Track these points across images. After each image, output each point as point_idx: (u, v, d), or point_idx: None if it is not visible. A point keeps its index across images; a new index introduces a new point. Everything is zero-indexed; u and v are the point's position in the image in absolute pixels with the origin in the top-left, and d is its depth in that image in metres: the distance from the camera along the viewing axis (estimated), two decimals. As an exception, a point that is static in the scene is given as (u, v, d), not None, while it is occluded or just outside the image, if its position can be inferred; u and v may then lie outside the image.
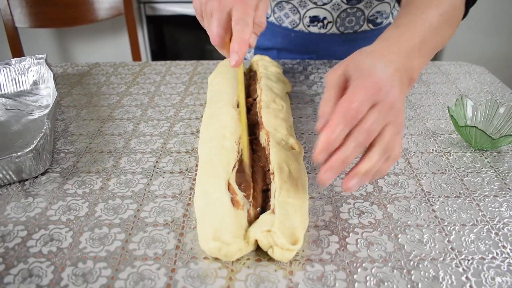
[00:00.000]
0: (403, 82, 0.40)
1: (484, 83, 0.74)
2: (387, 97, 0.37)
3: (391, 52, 0.41)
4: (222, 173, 0.43)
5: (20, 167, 0.47)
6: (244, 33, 0.42)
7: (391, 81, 0.38)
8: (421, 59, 0.44)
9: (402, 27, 0.44)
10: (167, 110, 0.64)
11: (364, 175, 0.37)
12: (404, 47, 0.42)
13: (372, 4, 0.76)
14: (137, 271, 0.36)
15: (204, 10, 0.46)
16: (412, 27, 0.44)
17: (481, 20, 1.72)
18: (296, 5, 0.75)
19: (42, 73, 0.70)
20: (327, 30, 0.78)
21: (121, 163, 0.51)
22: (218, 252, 0.36)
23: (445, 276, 0.36)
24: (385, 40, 0.43)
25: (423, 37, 0.44)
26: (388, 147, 0.37)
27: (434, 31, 0.45)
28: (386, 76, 0.38)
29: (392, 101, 0.37)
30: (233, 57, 0.41)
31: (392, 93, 0.37)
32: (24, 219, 0.42)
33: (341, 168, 0.36)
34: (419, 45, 0.43)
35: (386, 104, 0.36)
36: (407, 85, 0.42)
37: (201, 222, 0.39)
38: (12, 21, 1.38)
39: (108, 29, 1.77)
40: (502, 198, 0.46)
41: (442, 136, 0.57)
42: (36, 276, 0.36)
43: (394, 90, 0.37)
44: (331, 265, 0.37)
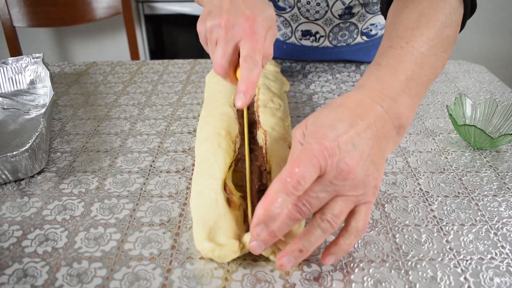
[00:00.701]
0: (381, 137, 0.34)
1: (484, 82, 0.73)
2: (338, 166, 0.32)
3: (366, 103, 0.35)
4: (218, 173, 0.43)
5: (15, 166, 0.46)
6: (252, 74, 0.39)
7: (347, 145, 0.32)
8: (412, 100, 0.37)
9: (383, 67, 0.38)
10: (164, 109, 0.64)
11: (300, 253, 0.33)
12: (387, 92, 0.36)
13: (366, 17, 0.73)
14: (132, 271, 0.36)
15: (209, 36, 0.43)
16: (395, 64, 0.38)
17: (481, 19, 1.71)
18: (288, 18, 0.74)
19: (39, 73, 0.70)
20: (319, 44, 0.77)
21: (117, 163, 0.51)
22: (212, 253, 0.36)
23: (443, 277, 0.36)
24: (362, 87, 0.37)
25: (410, 72, 0.38)
26: (333, 221, 0.33)
27: (425, 61, 0.39)
28: (343, 139, 0.32)
29: (345, 170, 0.32)
30: (240, 98, 0.39)
31: (345, 161, 0.32)
32: (19, 219, 0.42)
33: (269, 241, 0.33)
34: (406, 84, 0.37)
35: (336, 174, 0.32)
36: (396, 135, 0.36)
37: (196, 222, 0.38)
38: (10, 20, 1.38)
39: (107, 28, 1.77)
40: (501, 198, 0.45)
41: (441, 135, 0.57)
42: (31, 276, 0.36)
43: (350, 156, 0.32)
44: (328, 265, 0.37)
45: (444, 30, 0.41)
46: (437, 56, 0.40)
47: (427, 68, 0.39)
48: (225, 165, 0.44)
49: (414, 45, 0.39)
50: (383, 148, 0.35)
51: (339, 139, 0.32)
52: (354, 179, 0.32)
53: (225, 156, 0.45)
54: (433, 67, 0.40)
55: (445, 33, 0.41)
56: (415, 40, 0.39)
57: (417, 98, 0.38)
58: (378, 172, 0.34)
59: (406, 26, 0.41)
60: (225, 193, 0.41)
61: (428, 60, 0.39)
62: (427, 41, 0.39)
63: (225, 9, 0.42)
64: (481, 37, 1.77)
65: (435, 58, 0.40)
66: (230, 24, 0.41)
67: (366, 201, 0.34)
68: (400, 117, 0.36)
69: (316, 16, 0.71)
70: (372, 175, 0.34)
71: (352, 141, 0.33)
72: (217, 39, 0.42)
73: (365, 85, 0.38)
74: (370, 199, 0.35)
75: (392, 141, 0.36)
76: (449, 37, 0.41)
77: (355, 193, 0.33)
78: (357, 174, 0.32)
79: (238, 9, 0.41)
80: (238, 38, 0.41)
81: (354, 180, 0.33)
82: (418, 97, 0.39)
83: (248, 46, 0.40)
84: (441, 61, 0.41)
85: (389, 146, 0.36)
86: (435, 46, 0.40)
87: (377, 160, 0.34)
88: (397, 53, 0.39)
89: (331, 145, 0.32)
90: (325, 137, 0.32)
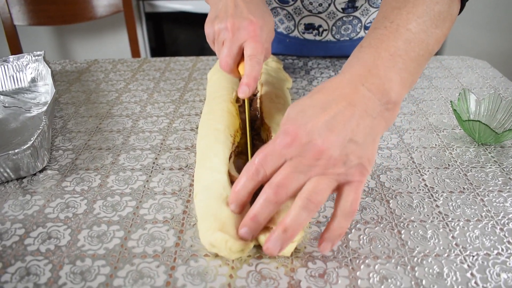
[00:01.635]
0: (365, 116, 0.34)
1: (487, 77, 0.73)
2: (307, 149, 0.33)
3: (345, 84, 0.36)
4: (221, 166, 0.42)
5: (17, 164, 0.46)
6: (255, 70, 0.45)
7: (319, 129, 0.33)
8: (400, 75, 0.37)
9: (365, 48, 0.38)
10: (167, 107, 0.63)
11: (284, 234, 0.33)
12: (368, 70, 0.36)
13: (369, 11, 0.73)
14: (136, 269, 0.36)
15: (217, 38, 0.49)
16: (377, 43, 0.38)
17: (483, 14, 1.71)
18: (291, 12, 0.73)
19: (40, 70, 0.70)
20: (322, 38, 0.76)
21: (120, 160, 0.51)
22: (224, 244, 0.35)
23: (450, 273, 0.35)
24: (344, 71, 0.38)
25: (394, 49, 0.37)
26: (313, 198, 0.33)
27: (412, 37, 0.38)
28: (313, 123, 0.33)
29: (316, 151, 0.33)
30: (244, 89, 0.45)
31: (314, 142, 0.33)
32: (21, 217, 0.42)
33: (253, 225, 0.35)
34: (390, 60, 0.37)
35: (307, 156, 0.33)
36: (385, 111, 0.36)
37: (204, 217, 0.38)
38: (10, 19, 1.38)
39: (107, 26, 1.77)
40: (506, 193, 0.45)
41: (445, 131, 0.57)
42: (34, 275, 0.35)
43: (322, 138, 0.33)
44: (333, 262, 0.36)
45: (434, 6, 0.40)
46: (427, 32, 0.39)
47: (416, 44, 0.38)
48: (225, 158, 0.43)
49: (399, 23, 0.38)
50: (369, 126, 0.35)
51: (307, 124, 0.33)
52: (329, 158, 0.33)
53: (224, 148, 0.44)
54: (423, 43, 0.39)
55: (435, 10, 0.40)
56: (400, 18, 0.39)
57: (406, 73, 0.37)
58: (363, 151, 0.34)
59: (393, 6, 0.40)
60: None
61: (416, 36, 0.38)
62: (415, 18, 0.39)
63: (231, 13, 0.47)
64: (484, 33, 1.76)
65: (425, 35, 0.39)
66: (236, 27, 0.47)
67: (351, 180, 0.34)
68: (387, 93, 0.36)
69: (319, 9, 0.71)
70: (354, 154, 0.34)
71: (325, 125, 0.33)
72: (223, 40, 0.48)
73: (346, 67, 0.38)
74: (355, 178, 0.34)
75: (382, 118, 0.36)
76: (441, 13, 0.40)
77: (334, 171, 0.33)
78: (332, 153, 0.33)
79: (243, 14, 0.47)
80: (243, 40, 0.47)
81: (330, 160, 0.33)
82: (408, 73, 0.37)
83: (252, 46, 0.46)
84: (433, 38, 0.39)
85: (379, 124, 0.36)
86: (424, 22, 0.39)
87: (360, 139, 0.34)
88: (379, 33, 0.39)
89: (295, 131, 0.33)
90: (292, 123, 0.34)
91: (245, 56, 0.46)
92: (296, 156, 0.33)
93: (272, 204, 0.34)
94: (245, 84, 0.45)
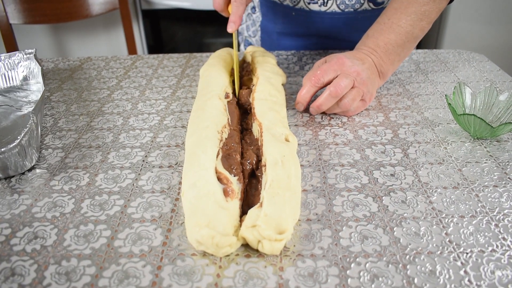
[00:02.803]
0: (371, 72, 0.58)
1: (484, 71, 0.72)
2: (350, 68, 0.55)
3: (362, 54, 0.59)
4: (208, 163, 0.42)
5: (5, 163, 0.46)
6: (239, 10, 0.57)
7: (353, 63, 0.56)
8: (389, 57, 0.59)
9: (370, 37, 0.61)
10: (158, 104, 0.62)
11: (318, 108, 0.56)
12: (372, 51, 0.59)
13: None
14: (122, 269, 0.35)
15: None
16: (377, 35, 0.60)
17: (481, 7, 1.69)
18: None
19: (32, 68, 0.69)
20: (327, 8, 0.77)
21: (109, 158, 0.50)
22: (211, 240, 0.34)
23: (443, 270, 0.35)
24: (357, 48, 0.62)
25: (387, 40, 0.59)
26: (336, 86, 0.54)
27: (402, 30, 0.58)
28: (350, 59, 0.56)
29: (355, 70, 0.55)
30: (231, 25, 0.57)
31: (353, 67, 0.55)
32: (8, 217, 0.41)
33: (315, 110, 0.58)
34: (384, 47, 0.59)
35: (349, 72, 0.55)
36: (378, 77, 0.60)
37: (193, 213, 0.37)
38: (6, 17, 1.37)
39: (103, 24, 1.76)
40: (502, 188, 0.44)
41: (440, 126, 0.56)
42: (19, 275, 0.35)
43: (356, 66, 0.55)
44: (323, 260, 0.36)
45: (421, 8, 0.58)
46: (413, 25, 0.59)
47: (403, 35, 0.59)
48: (212, 154, 0.43)
49: (393, 20, 0.59)
50: (371, 78, 0.58)
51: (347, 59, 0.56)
52: (349, 67, 0.55)
53: (212, 145, 0.44)
54: (409, 33, 0.59)
55: (422, 10, 0.58)
56: (395, 16, 0.59)
57: (394, 55, 0.60)
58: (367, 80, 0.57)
59: (393, 7, 0.60)
60: (220, 184, 0.40)
61: (404, 29, 0.59)
62: (405, 16, 0.58)
63: None
64: (481, 26, 1.74)
65: (412, 27, 0.59)
66: None
67: (358, 85, 0.55)
68: (382, 67, 0.59)
69: None
70: (362, 77, 0.56)
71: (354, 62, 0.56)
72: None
73: (359, 47, 0.61)
74: (359, 86, 0.56)
75: (377, 79, 0.59)
76: (427, 11, 0.59)
77: (350, 71, 0.55)
78: (364, 74, 0.56)
79: None
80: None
81: (347, 67, 0.55)
82: (396, 55, 0.60)
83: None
84: (418, 28, 0.59)
85: (376, 81, 0.59)
86: (412, 19, 0.58)
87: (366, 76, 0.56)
88: (379, 27, 0.60)
89: (343, 60, 0.56)
90: (339, 58, 0.57)
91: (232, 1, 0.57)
92: (342, 72, 0.55)
93: (333, 98, 0.55)
94: (232, 21, 0.57)
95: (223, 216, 0.36)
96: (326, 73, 0.55)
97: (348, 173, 0.46)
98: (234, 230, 0.37)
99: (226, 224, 0.36)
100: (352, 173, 0.46)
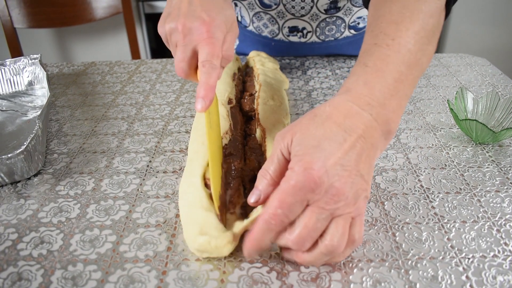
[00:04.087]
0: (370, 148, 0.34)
1: (486, 75, 0.72)
2: (327, 192, 0.32)
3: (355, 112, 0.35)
4: (197, 169, 0.42)
5: (11, 169, 0.46)
6: (211, 78, 0.39)
7: (335, 168, 0.32)
8: (399, 102, 0.37)
9: (370, 68, 0.37)
10: (162, 109, 0.63)
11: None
12: (375, 98, 0.35)
13: (352, 11, 0.72)
14: (127, 274, 0.36)
15: (169, 39, 0.43)
16: (382, 66, 0.37)
17: (483, 11, 1.69)
18: (274, 15, 0.73)
19: (37, 74, 0.70)
20: (307, 39, 0.76)
21: (114, 163, 0.50)
22: (209, 245, 0.35)
23: (445, 276, 0.35)
24: (349, 92, 0.36)
25: (398, 74, 0.36)
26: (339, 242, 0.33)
27: (412, 59, 0.38)
28: (331, 162, 0.32)
29: (335, 194, 0.32)
30: (200, 103, 0.37)
31: (334, 185, 0.32)
32: (15, 222, 0.42)
33: None
34: (395, 87, 0.36)
35: (327, 200, 0.32)
36: (384, 141, 0.36)
37: (185, 223, 0.38)
38: (10, 22, 1.38)
39: (107, 28, 1.77)
40: (504, 194, 0.44)
41: (442, 130, 0.56)
42: (26, 280, 0.35)
43: (338, 179, 0.32)
44: (326, 266, 0.36)
45: (428, 20, 0.40)
46: (423, 51, 0.39)
47: (414, 66, 0.38)
48: (204, 161, 0.43)
49: (400, 41, 0.38)
50: (371, 157, 0.35)
51: (327, 163, 0.32)
52: (346, 199, 0.33)
53: (205, 152, 0.44)
54: (419, 64, 0.39)
55: (430, 24, 0.40)
56: (400, 36, 0.38)
57: (404, 100, 0.38)
58: (367, 183, 0.34)
59: (390, 20, 0.39)
60: (206, 189, 0.40)
61: (414, 57, 0.38)
62: (413, 35, 0.38)
63: (183, 12, 0.41)
64: (484, 30, 1.74)
65: (422, 53, 0.39)
66: (187, 28, 0.40)
67: (359, 213, 0.34)
68: (389, 123, 0.36)
69: (302, 12, 0.70)
70: (361, 188, 0.34)
71: (340, 162, 0.33)
72: (176, 43, 0.42)
73: (352, 89, 0.37)
74: (362, 211, 0.35)
75: (380, 148, 0.36)
76: (434, 27, 0.40)
77: (350, 210, 0.33)
78: (347, 193, 0.32)
79: (195, 12, 0.41)
80: (195, 42, 0.40)
81: (347, 200, 0.33)
82: (406, 99, 0.38)
83: (206, 51, 0.40)
84: (427, 56, 0.40)
85: (377, 153, 0.36)
86: (421, 39, 0.39)
87: (365, 172, 0.34)
88: (383, 52, 0.38)
89: (318, 174, 0.32)
90: (312, 163, 0.32)
91: (199, 62, 0.40)
92: (317, 201, 0.32)
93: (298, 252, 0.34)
94: (201, 97, 0.37)
95: (212, 218, 0.37)
96: (290, 210, 0.33)
97: (350, 178, 0.47)
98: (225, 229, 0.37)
99: (217, 225, 0.37)
100: (354, 178, 0.47)
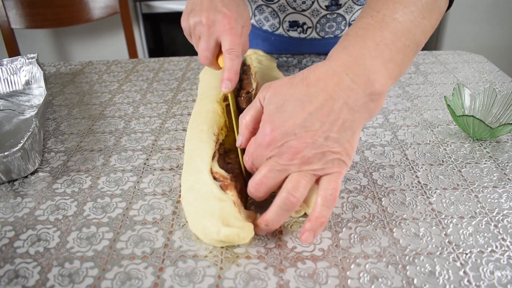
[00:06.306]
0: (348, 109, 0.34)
1: (483, 72, 0.72)
2: (282, 150, 0.35)
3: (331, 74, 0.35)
4: (203, 165, 0.42)
5: (8, 167, 0.46)
6: (235, 64, 0.46)
7: (295, 129, 0.34)
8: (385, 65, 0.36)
9: (351, 36, 0.37)
10: (159, 107, 0.63)
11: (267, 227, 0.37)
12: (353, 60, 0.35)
13: (353, 9, 0.72)
14: (124, 271, 0.35)
15: (193, 32, 0.49)
16: (363, 33, 0.37)
17: (480, 8, 1.69)
18: (276, 9, 0.73)
19: (34, 73, 0.70)
20: (307, 35, 0.76)
21: (111, 161, 0.50)
22: (237, 237, 0.35)
23: (442, 271, 0.35)
24: (329, 58, 0.37)
25: (380, 38, 0.36)
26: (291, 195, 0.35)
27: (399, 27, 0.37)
28: (290, 123, 0.34)
29: (290, 152, 0.34)
30: (226, 84, 0.45)
31: (289, 144, 0.34)
32: (12, 220, 0.42)
33: None
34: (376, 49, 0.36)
35: (283, 157, 0.35)
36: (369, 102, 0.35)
37: (198, 217, 0.38)
38: (7, 22, 1.38)
39: (105, 28, 1.77)
40: (501, 189, 0.44)
41: (440, 127, 0.56)
42: (22, 277, 0.35)
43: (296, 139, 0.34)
44: (323, 261, 0.36)
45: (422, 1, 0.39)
46: (414, 22, 0.38)
47: (402, 34, 0.37)
48: (207, 157, 0.43)
49: (385, 13, 0.37)
50: (349, 119, 0.35)
51: (285, 124, 0.35)
52: (303, 157, 0.34)
53: (207, 148, 0.44)
54: (410, 33, 0.37)
55: (422, 0, 0.39)
56: (387, 8, 0.38)
57: (392, 64, 0.36)
58: (341, 145, 0.35)
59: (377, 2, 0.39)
60: (216, 182, 0.40)
61: (403, 26, 0.37)
62: (401, 8, 0.38)
63: (205, 7, 0.47)
64: (481, 27, 1.75)
65: (413, 25, 0.38)
66: (211, 20, 0.47)
67: (329, 172, 0.35)
68: (372, 84, 0.35)
69: (303, 7, 0.71)
70: (330, 150, 0.35)
71: (302, 124, 0.34)
72: (200, 35, 0.48)
73: (332, 55, 0.37)
74: (334, 170, 0.35)
75: (365, 110, 0.35)
76: (428, 4, 0.39)
77: (310, 168, 0.35)
78: (306, 153, 0.34)
79: (217, 7, 0.47)
80: (218, 33, 0.47)
81: (303, 158, 0.34)
82: (394, 63, 0.36)
83: (229, 40, 0.46)
84: (420, 28, 0.38)
85: (361, 116, 0.36)
86: (411, 12, 0.38)
87: (337, 135, 0.34)
88: (366, 22, 0.38)
89: (273, 134, 0.35)
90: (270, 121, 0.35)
91: (223, 50, 0.47)
92: (273, 156, 0.36)
93: (257, 198, 0.38)
94: (226, 79, 0.45)
95: (229, 207, 0.37)
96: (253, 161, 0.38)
97: (347, 175, 0.47)
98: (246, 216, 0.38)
99: (235, 213, 0.37)
100: (351, 175, 0.47)
